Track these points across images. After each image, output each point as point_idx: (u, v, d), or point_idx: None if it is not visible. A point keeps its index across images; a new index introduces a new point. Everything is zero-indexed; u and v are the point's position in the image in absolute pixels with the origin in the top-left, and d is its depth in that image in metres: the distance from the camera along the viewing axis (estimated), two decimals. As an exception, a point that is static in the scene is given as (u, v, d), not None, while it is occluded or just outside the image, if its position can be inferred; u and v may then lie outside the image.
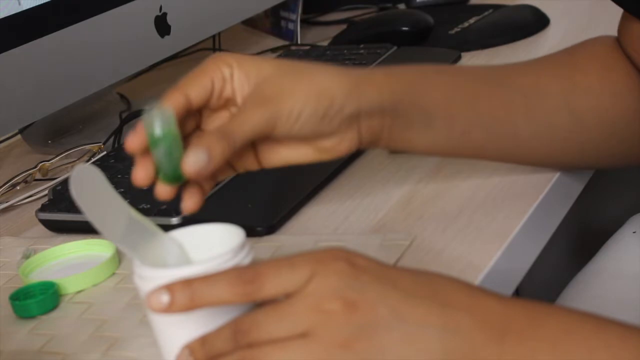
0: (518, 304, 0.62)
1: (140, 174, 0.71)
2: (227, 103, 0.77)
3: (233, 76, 0.76)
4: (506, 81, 0.86)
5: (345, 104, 0.77)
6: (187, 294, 0.60)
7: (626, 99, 0.87)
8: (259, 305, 0.62)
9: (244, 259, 0.66)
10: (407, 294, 0.60)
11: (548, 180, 0.90)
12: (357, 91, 0.78)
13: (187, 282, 0.60)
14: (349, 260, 0.60)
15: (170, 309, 0.60)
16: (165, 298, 0.60)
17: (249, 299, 0.60)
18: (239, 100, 0.76)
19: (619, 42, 0.89)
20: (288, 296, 0.60)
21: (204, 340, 0.61)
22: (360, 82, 0.78)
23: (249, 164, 0.79)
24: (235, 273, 0.60)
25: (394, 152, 0.94)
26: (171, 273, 0.65)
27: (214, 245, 0.69)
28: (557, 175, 0.91)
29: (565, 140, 0.87)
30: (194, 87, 0.74)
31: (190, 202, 0.73)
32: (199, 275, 0.66)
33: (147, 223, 0.70)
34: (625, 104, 0.87)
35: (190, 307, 0.60)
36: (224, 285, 0.60)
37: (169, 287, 0.60)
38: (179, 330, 0.66)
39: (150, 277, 0.66)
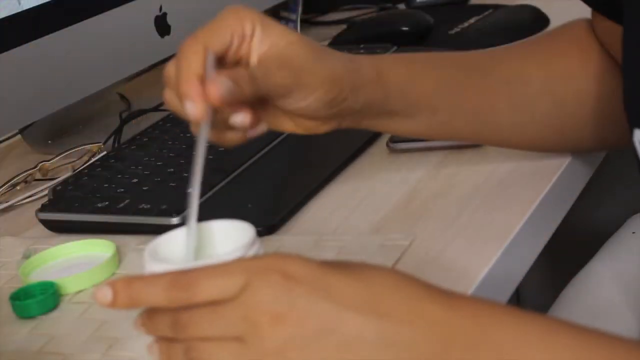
0: (463, 311, 0.60)
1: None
2: (239, 61, 0.76)
3: (254, 34, 0.75)
4: (491, 71, 0.88)
5: (349, 97, 0.79)
6: (127, 294, 0.60)
7: (604, 81, 0.88)
8: None
9: (255, 254, 0.66)
10: (341, 305, 0.58)
11: (548, 180, 0.90)
12: (360, 87, 0.79)
13: (128, 282, 0.60)
14: (285, 271, 0.59)
15: (113, 305, 0.60)
16: (108, 295, 0.60)
17: (182, 304, 0.59)
18: (254, 59, 0.75)
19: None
20: (222, 301, 0.59)
21: (150, 316, 0.61)
22: (363, 79, 0.80)
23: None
24: (172, 278, 0.60)
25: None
26: (180, 268, 0.64)
27: (224, 241, 0.69)
28: (557, 175, 0.91)
29: (546, 126, 0.89)
30: (214, 38, 0.74)
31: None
32: None
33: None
34: (604, 86, 0.88)
35: (129, 305, 0.61)
36: (159, 289, 0.60)
37: (112, 284, 0.60)
38: None
39: (159, 272, 0.65)
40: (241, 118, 0.73)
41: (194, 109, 0.69)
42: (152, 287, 0.60)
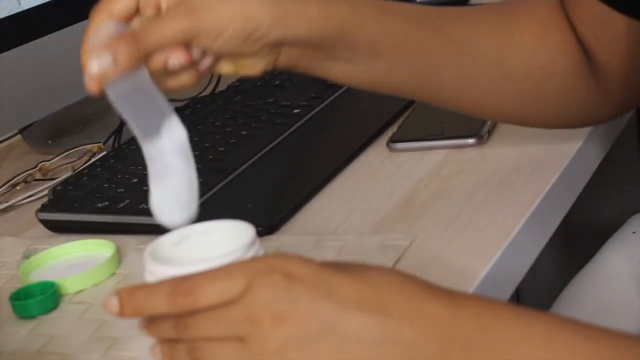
0: (464, 310, 0.60)
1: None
2: (158, 8, 0.74)
3: None
4: (442, 29, 0.85)
5: (271, 31, 0.75)
6: (130, 304, 0.61)
7: (559, 60, 0.87)
8: None
9: (255, 254, 0.66)
10: (342, 304, 0.58)
11: (548, 180, 0.90)
12: (286, 21, 0.76)
13: (131, 292, 0.61)
14: (286, 271, 0.59)
15: (120, 315, 0.61)
16: (115, 305, 0.61)
17: (185, 311, 0.60)
18: (163, 6, 0.74)
19: (562, 3, 0.89)
20: (225, 303, 0.60)
21: (152, 320, 0.62)
22: (291, 13, 0.76)
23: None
24: (173, 285, 0.60)
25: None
26: (180, 270, 0.64)
27: (224, 241, 0.68)
28: (557, 174, 0.91)
29: (490, 93, 0.87)
30: (117, 2, 0.73)
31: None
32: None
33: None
34: (558, 65, 0.87)
35: (135, 315, 0.61)
36: (161, 297, 0.60)
37: (118, 294, 0.61)
38: None
39: (160, 273, 0.65)
40: (175, 60, 0.72)
41: (87, 83, 0.71)
42: (154, 295, 0.60)
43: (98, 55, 0.69)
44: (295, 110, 1.10)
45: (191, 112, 1.16)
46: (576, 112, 0.89)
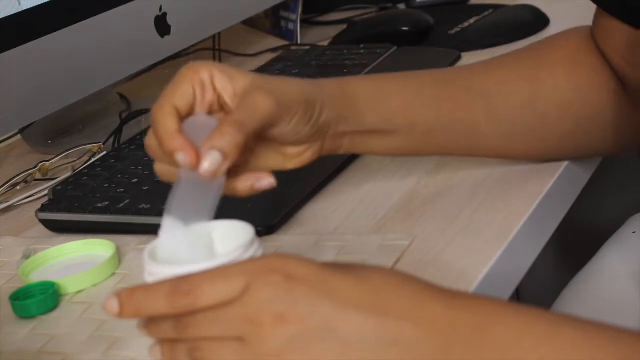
0: (466, 308, 0.60)
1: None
2: (211, 108, 0.75)
3: (214, 79, 0.74)
4: (468, 83, 0.88)
5: (323, 111, 0.78)
6: (130, 304, 0.61)
7: (591, 94, 0.88)
8: None
9: (254, 254, 0.66)
10: (342, 305, 0.59)
11: (548, 180, 0.90)
12: (327, 101, 0.79)
13: (131, 292, 0.61)
14: (285, 271, 0.59)
15: (120, 316, 0.61)
16: (115, 306, 0.61)
17: (185, 311, 0.60)
18: (227, 99, 0.74)
19: (592, 36, 0.90)
20: (225, 303, 0.60)
21: (151, 320, 0.62)
22: (327, 93, 0.79)
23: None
24: (172, 285, 0.60)
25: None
26: (180, 270, 0.64)
27: (223, 241, 0.68)
28: (557, 175, 0.91)
29: (528, 136, 0.89)
30: (177, 95, 0.73)
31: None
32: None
33: None
34: (590, 99, 0.88)
35: (135, 315, 0.61)
36: (161, 298, 0.60)
37: (118, 295, 0.61)
38: None
39: (160, 274, 0.65)
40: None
41: (186, 157, 0.69)
42: (154, 296, 0.60)
43: (206, 154, 0.69)
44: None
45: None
46: (619, 140, 0.90)
